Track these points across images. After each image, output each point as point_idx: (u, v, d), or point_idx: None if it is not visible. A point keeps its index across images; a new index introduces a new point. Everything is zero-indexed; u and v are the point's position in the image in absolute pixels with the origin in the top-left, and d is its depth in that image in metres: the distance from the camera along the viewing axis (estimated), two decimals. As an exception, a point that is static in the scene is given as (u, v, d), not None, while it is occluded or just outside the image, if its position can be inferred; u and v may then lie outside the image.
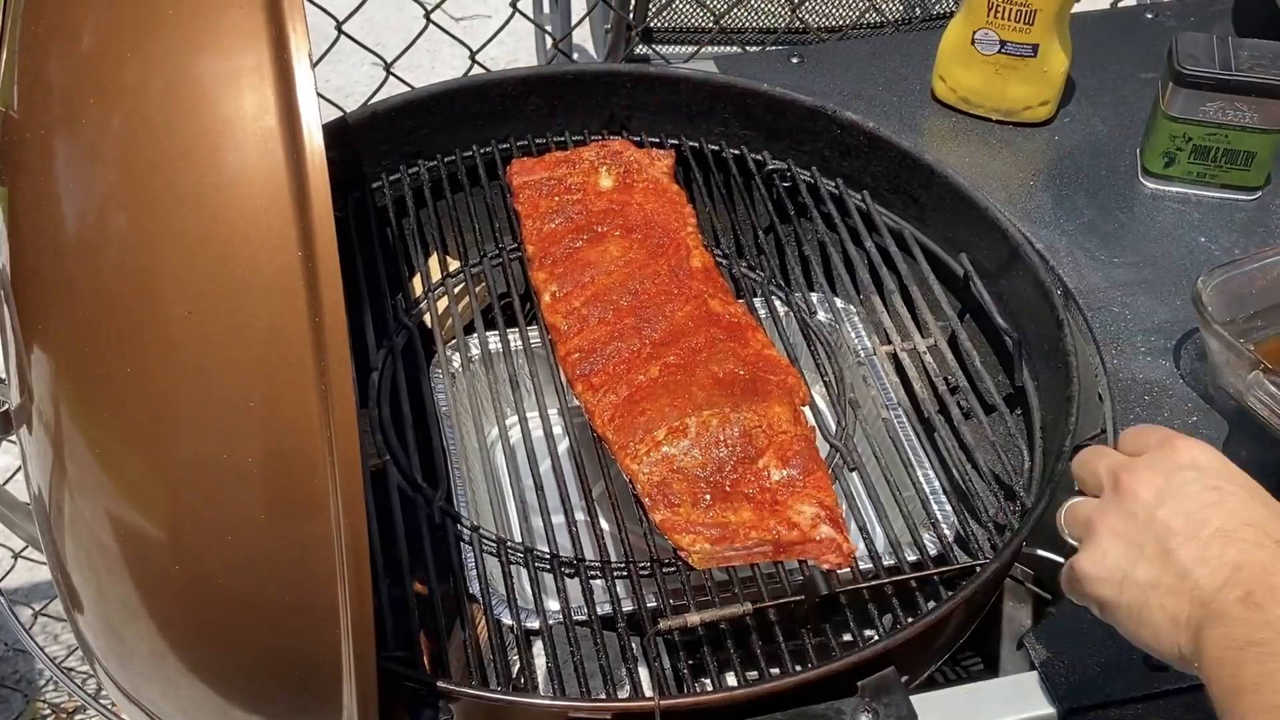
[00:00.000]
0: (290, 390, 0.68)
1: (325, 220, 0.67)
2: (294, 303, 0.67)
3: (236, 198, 0.68)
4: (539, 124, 1.34)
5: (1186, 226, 1.25)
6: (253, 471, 0.69)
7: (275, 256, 0.67)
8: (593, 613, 0.95)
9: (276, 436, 0.69)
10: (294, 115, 0.67)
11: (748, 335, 1.11)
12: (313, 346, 0.67)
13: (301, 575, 0.71)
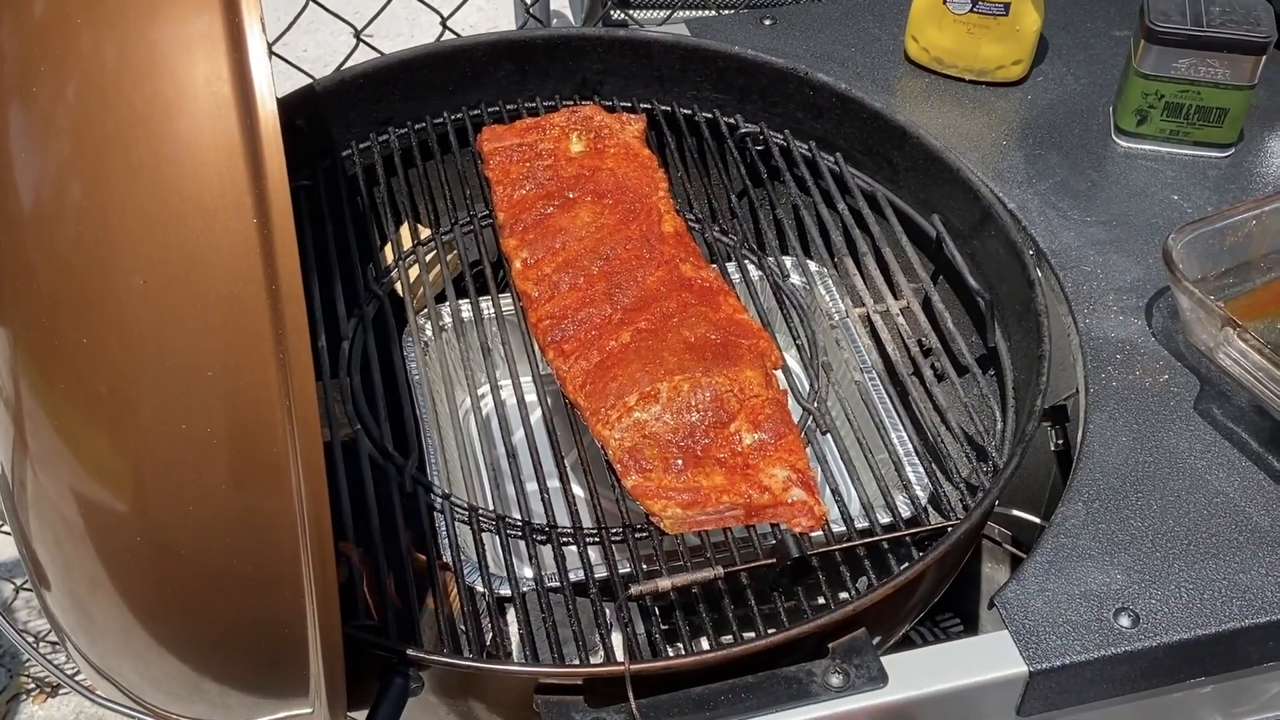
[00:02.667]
0: (248, 359, 0.68)
1: (280, 188, 0.67)
2: (250, 271, 0.67)
3: (191, 166, 0.67)
4: (510, 90, 1.33)
5: (1159, 184, 1.24)
6: (212, 441, 0.69)
7: (231, 225, 0.67)
8: (565, 579, 0.95)
9: (236, 406, 0.68)
10: (247, 82, 0.67)
11: (720, 300, 1.10)
12: (270, 315, 0.67)
13: (264, 545, 0.71)
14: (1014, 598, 0.93)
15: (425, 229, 1.25)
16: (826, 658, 0.88)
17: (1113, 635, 0.90)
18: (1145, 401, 1.05)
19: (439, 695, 0.89)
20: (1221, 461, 1.01)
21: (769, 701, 0.85)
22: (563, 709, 0.85)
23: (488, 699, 0.89)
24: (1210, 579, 0.94)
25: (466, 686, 0.88)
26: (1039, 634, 0.90)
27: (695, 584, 0.93)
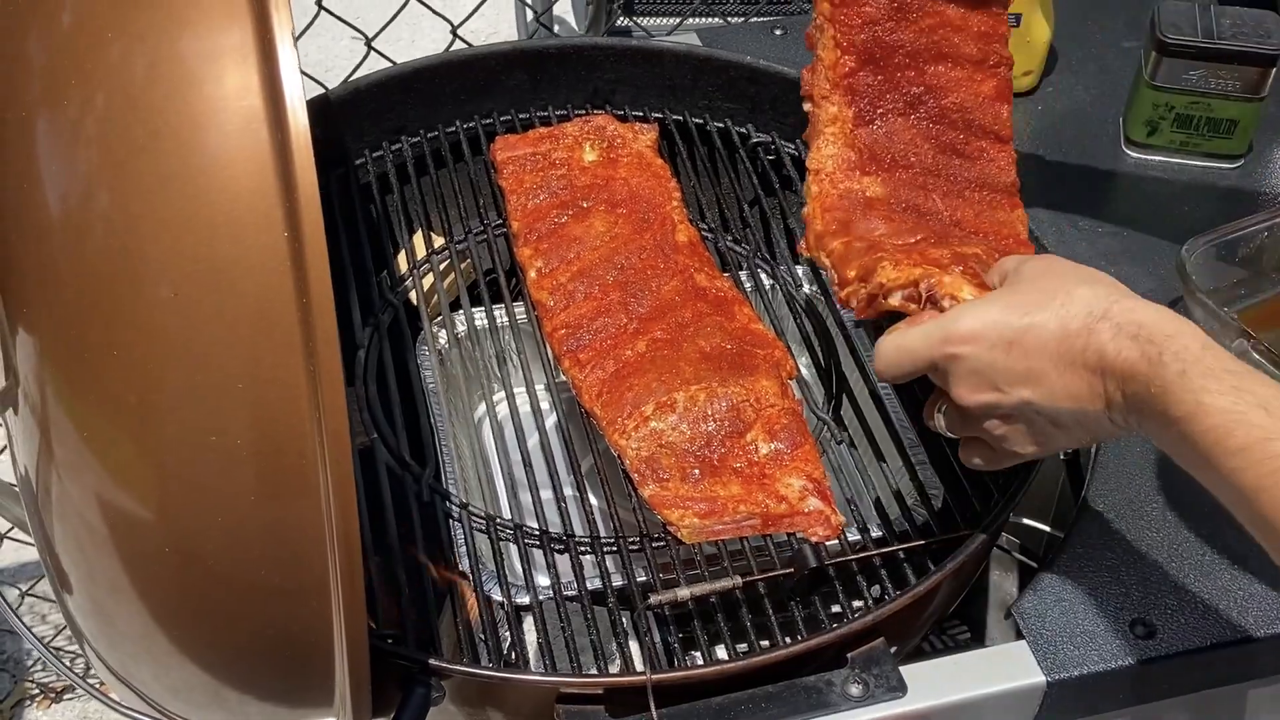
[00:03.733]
0: (278, 371, 0.68)
1: (311, 200, 0.67)
2: (280, 283, 0.67)
3: (221, 178, 0.68)
4: (522, 99, 1.33)
5: (1169, 195, 1.25)
6: (242, 452, 0.69)
7: (261, 237, 0.67)
8: (583, 588, 0.96)
9: (265, 417, 0.68)
10: (278, 94, 0.67)
11: (734, 309, 1.11)
12: (300, 327, 0.67)
13: (292, 556, 0.71)
14: (1031, 608, 0.93)
15: (439, 237, 1.25)
16: (846, 667, 0.88)
17: (1129, 645, 0.91)
18: (1159, 412, 1.05)
19: (459, 704, 0.89)
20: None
21: (789, 711, 0.85)
22: (584, 718, 0.85)
23: (508, 708, 0.89)
24: (1226, 589, 0.94)
25: (487, 696, 0.89)
26: (1056, 644, 0.91)
27: (713, 593, 0.94)
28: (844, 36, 1.01)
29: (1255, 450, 0.66)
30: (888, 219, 0.98)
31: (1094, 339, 0.74)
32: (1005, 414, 0.79)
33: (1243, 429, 0.66)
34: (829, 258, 0.97)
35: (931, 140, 1.02)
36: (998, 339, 0.78)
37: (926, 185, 1.01)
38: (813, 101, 1.06)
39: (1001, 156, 1.03)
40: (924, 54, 1.02)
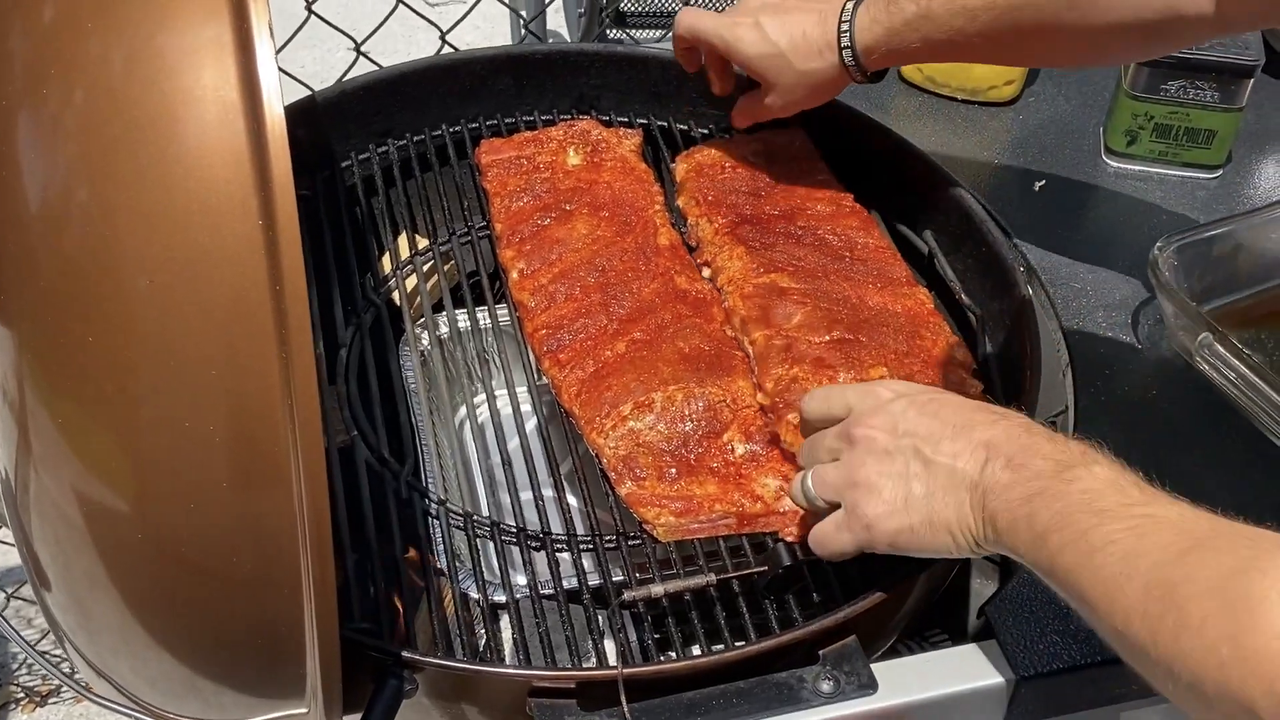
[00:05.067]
0: (252, 359, 0.68)
1: (286, 190, 0.68)
2: (255, 272, 0.68)
3: (197, 169, 0.68)
4: (508, 104, 1.34)
5: (1148, 204, 1.26)
6: (214, 440, 0.69)
7: (236, 226, 0.68)
8: (559, 586, 0.96)
9: (238, 405, 0.69)
10: (254, 87, 0.68)
11: (713, 311, 1.12)
12: (274, 315, 0.68)
13: (264, 545, 0.72)
14: (1003, 606, 0.94)
15: (423, 240, 1.26)
16: (817, 664, 0.88)
17: (1100, 645, 0.91)
18: (1132, 415, 1.06)
19: (433, 698, 0.90)
20: (1206, 473, 1.02)
21: (760, 707, 0.86)
22: (556, 712, 0.85)
23: (481, 702, 0.90)
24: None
25: (460, 689, 0.89)
26: (1027, 642, 0.91)
27: (688, 590, 0.94)
28: (715, 220, 1.20)
29: (1121, 512, 0.71)
30: (801, 305, 1.09)
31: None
32: (886, 450, 0.84)
33: (1111, 493, 0.73)
34: (751, 347, 1.07)
35: (820, 252, 1.16)
36: (919, 391, 0.87)
37: (829, 276, 1.13)
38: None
39: (887, 257, 1.17)
40: (787, 214, 1.21)
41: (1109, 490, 0.73)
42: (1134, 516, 0.70)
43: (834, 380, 1.02)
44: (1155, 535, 0.69)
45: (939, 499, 0.81)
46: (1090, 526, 0.71)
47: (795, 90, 1.14)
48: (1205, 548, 0.66)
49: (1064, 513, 0.73)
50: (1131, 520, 0.70)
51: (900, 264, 1.16)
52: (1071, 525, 0.72)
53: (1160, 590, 0.66)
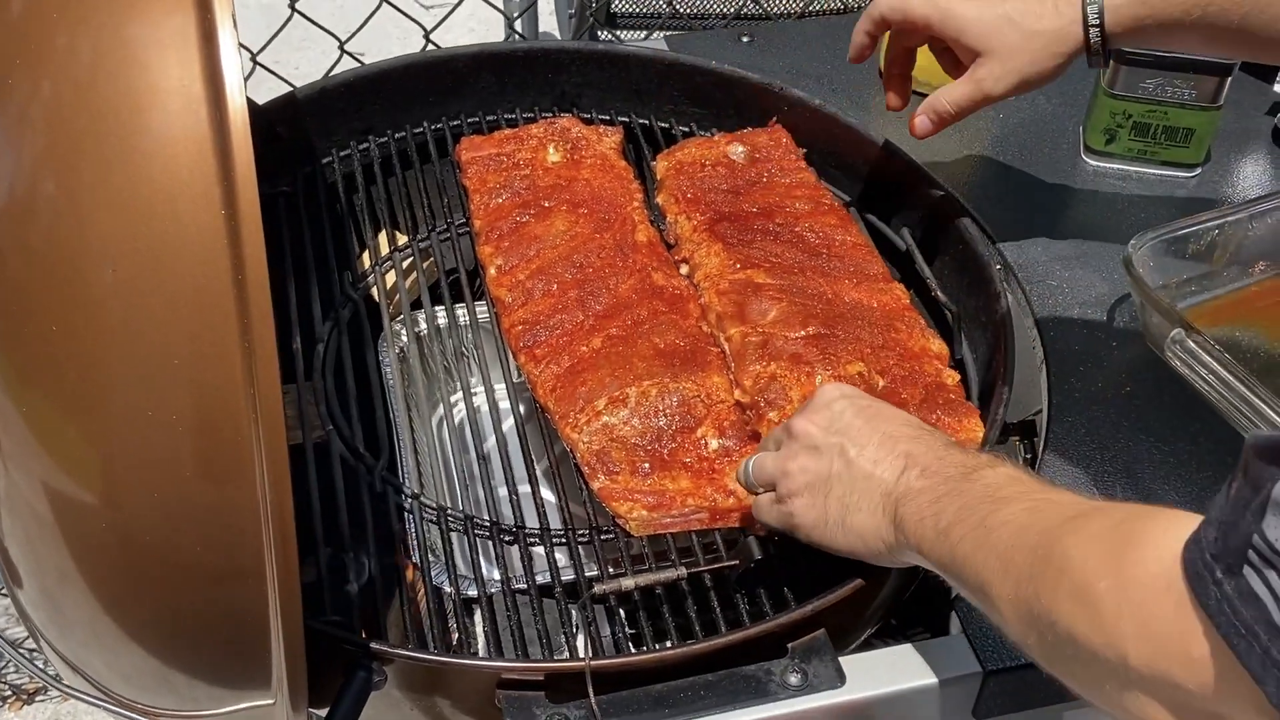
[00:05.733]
0: (214, 349, 0.69)
1: (248, 181, 0.68)
2: (217, 262, 0.68)
3: (161, 160, 0.69)
4: (489, 101, 1.35)
5: (1126, 202, 1.27)
6: (178, 429, 0.70)
7: (199, 217, 0.68)
8: (531, 580, 0.97)
9: (201, 394, 0.70)
10: (218, 79, 0.69)
11: (689, 308, 1.12)
12: (236, 305, 0.68)
13: (228, 534, 0.72)
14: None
15: (403, 236, 1.26)
16: (786, 657, 0.89)
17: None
18: (1106, 411, 1.06)
19: (403, 690, 0.90)
20: (1178, 470, 1.03)
21: (727, 699, 0.86)
22: (524, 704, 0.86)
23: (451, 694, 0.90)
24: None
25: (430, 681, 0.89)
26: (994, 636, 0.92)
27: (659, 584, 0.95)
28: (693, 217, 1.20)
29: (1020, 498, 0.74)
30: (777, 300, 1.09)
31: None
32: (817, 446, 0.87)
33: (1012, 485, 0.76)
34: (727, 343, 1.08)
35: (796, 249, 1.16)
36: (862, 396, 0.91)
37: (805, 272, 1.13)
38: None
39: (864, 254, 1.17)
40: (766, 211, 1.20)
41: (1009, 483, 0.76)
42: (1031, 499, 0.73)
43: (811, 377, 1.03)
44: (1049, 510, 0.71)
45: (853, 500, 0.84)
46: (989, 512, 0.73)
47: (1018, 57, 1.03)
48: (1096, 512, 0.68)
49: (965, 506, 0.75)
50: (1028, 502, 0.72)
51: (877, 260, 1.16)
52: (972, 516, 0.74)
53: (1046, 549, 0.67)
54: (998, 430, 1.01)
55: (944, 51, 1.11)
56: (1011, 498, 0.74)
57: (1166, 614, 0.59)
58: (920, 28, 1.08)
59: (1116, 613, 0.61)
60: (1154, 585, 0.60)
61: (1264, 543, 0.53)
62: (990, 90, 1.05)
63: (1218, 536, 0.56)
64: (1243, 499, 0.54)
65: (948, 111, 1.09)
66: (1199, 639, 0.57)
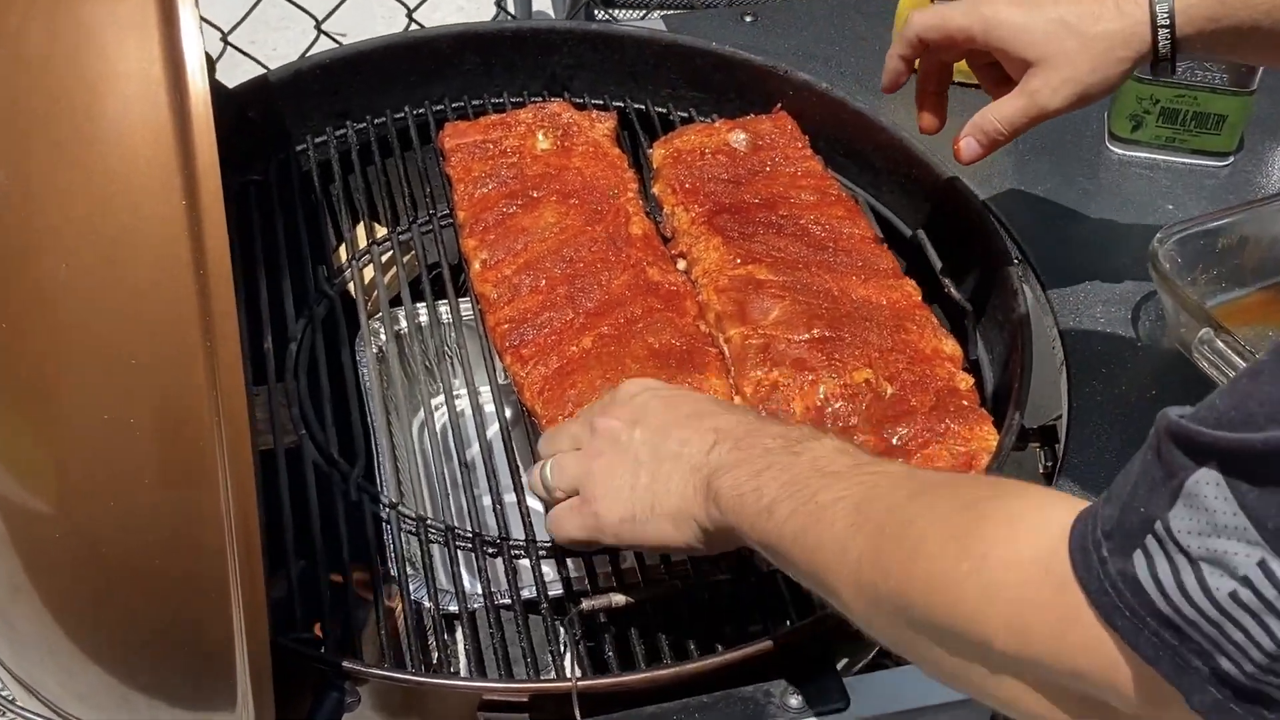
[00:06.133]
0: (174, 348, 0.69)
1: (210, 170, 0.68)
2: (178, 256, 0.69)
3: (118, 147, 0.69)
4: (475, 85, 1.35)
5: (1153, 193, 1.27)
6: (136, 433, 0.70)
7: (158, 208, 0.69)
8: (516, 595, 0.97)
9: (161, 396, 0.70)
10: (178, 61, 0.69)
11: (686, 305, 1.12)
12: (198, 301, 0.69)
13: (189, 546, 0.73)
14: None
15: (382, 228, 1.26)
16: (786, 678, 0.89)
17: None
18: (1130, 416, 1.07)
19: (378, 712, 0.90)
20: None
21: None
22: (507, 728, 0.86)
23: (430, 716, 0.90)
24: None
25: (407, 703, 0.90)
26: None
27: (651, 599, 0.95)
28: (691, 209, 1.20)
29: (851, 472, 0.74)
30: (779, 298, 1.10)
31: None
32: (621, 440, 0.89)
33: (841, 458, 0.77)
34: (727, 345, 1.08)
35: (802, 242, 1.16)
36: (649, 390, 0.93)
37: (810, 268, 1.13)
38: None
39: (873, 248, 1.17)
40: (769, 202, 1.20)
41: (836, 455, 0.77)
42: (864, 473, 0.73)
43: (815, 385, 1.03)
44: (887, 485, 0.71)
45: (662, 484, 0.85)
46: (820, 488, 0.73)
47: (1076, 64, 0.97)
48: (944, 487, 0.69)
49: (793, 481, 0.76)
50: (862, 476, 0.73)
51: (887, 255, 1.17)
52: (800, 491, 0.74)
53: (896, 527, 0.68)
54: (1014, 436, 1.01)
55: (986, 67, 1.06)
56: (842, 472, 0.74)
57: (1043, 596, 0.59)
58: (961, 42, 1.03)
59: (982, 596, 0.62)
60: (1027, 567, 0.60)
61: (1165, 530, 0.53)
62: (1046, 103, 0.99)
63: (1115, 514, 0.56)
64: (1151, 480, 0.55)
65: (998, 131, 1.03)
66: (1078, 621, 0.57)
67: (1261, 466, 0.51)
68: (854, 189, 1.28)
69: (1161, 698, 0.55)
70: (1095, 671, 0.58)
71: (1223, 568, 0.52)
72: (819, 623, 0.91)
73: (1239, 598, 0.51)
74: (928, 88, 1.10)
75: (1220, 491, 0.52)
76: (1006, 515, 0.63)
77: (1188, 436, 0.53)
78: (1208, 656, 0.53)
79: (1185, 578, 0.53)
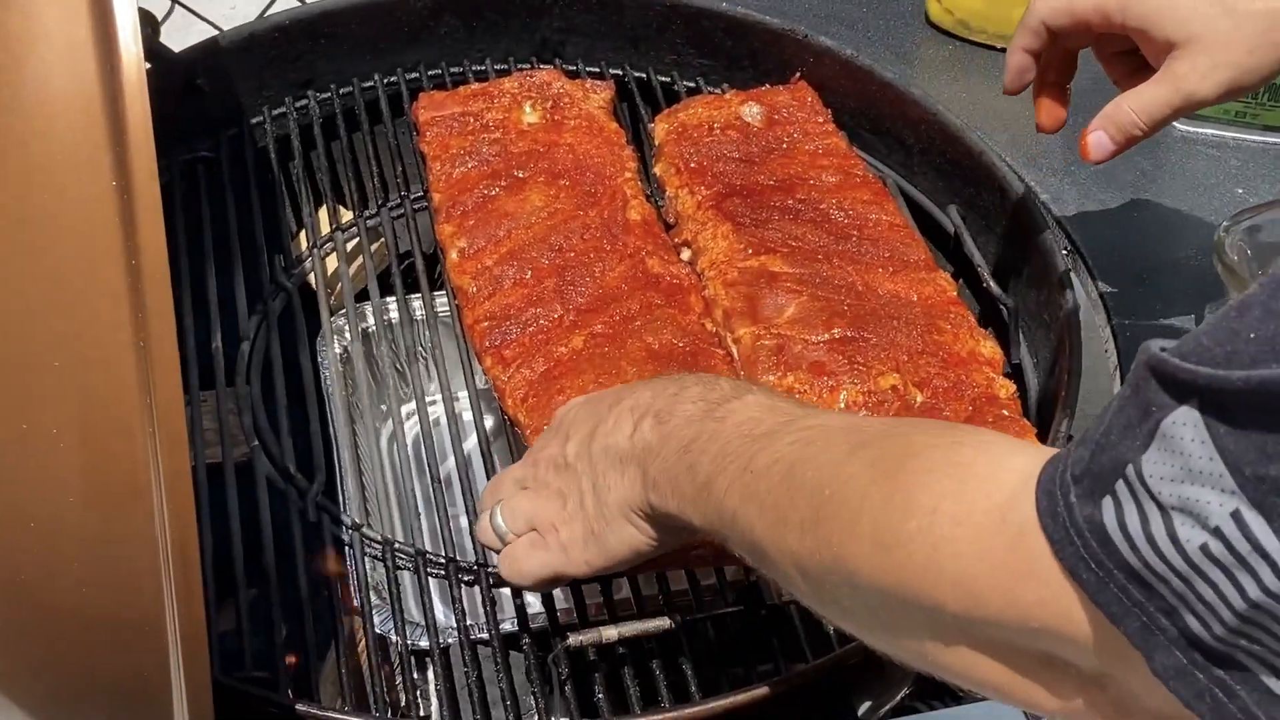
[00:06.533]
0: (103, 348, 0.68)
1: (144, 145, 0.67)
2: (107, 243, 0.67)
3: (39, 120, 0.68)
4: (455, 50, 1.35)
5: (1221, 175, 1.26)
6: (60, 445, 0.69)
7: (85, 189, 0.67)
8: (495, 628, 0.96)
9: (88, 403, 0.69)
10: (108, 21, 0.68)
11: (690, 300, 1.11)
12: (129, 296, 0.68)
13: (119, 573, 0.71)
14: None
15: (347, 212, 1.26)
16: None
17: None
18: (1193, 429, 1.05)
19: (336, 762, 0.89)
20: None
21: (730, 776, 0.86)
22: (481, 780, 0.85)
23: (394, 768, 0.89)
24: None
25: (368, 753, 0.89)
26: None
27: (648, 634, 0.94)
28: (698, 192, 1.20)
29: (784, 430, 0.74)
30: (795, 294, 1.09)
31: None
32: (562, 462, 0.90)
33: (771, 416, 0.77)
34: (736, 346, 1.08)
35: (822, 230, 1.15)
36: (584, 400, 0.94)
37: (831, 259, 1.13)
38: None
39: (903, 236, 1.16)
40: (785, 184, 1.18)
41: (766, 415, 0.77)
42: (796, 429, 0.73)
43: (835, 392, 1.02)
44: (823, 441, 0.71)
45: (604, 487, 0.86)
46: (753, 454, 0.74)
47: (1231, 47, 0.93)
48: (887, 438, 0.68)
49: (722, 452, 0.76)
50: (794, 434, 0.73)
51: (919, 244, 1.16)
52: (733, 461, 0.75)
53: (835, 486, 0.67)
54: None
55: (1117, 56, 1.03)
56: (774, 431, 0.74)
57: (998, 548, 0.59)
58: (1095, 24, 0.98)
59: (931, 556, 0.62)
60: (979, 518, 0.60)
61: (1136, 475, 0.53)
62: (1195, 90, 0.95)
63: (1086, 456, 0.56)
64: (1127, 418, 0.54)
65: (1134, 124, 0.98)
66: (1035, 574, 0.58)
67: (1242, 407, 0.50)
68: (882, 169, 1.27)
69: (1126, 654, 0.55)
70: (1055, 627, 0.58)
71: (1194, 518, 0.51)
72: (838, 661, 0.90)
73: (1209, 551, 0.51)
74: (1047, 79, 1.05)
75: (1198, 434, 0.51)
76: (956, 464, 0.64)
77: (1169, 372, 0.52)
78: (1175, 615, 0.53)
79: (1155, 528, 0.53)
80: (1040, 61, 1.04)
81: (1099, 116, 0.99)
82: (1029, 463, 0.60)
